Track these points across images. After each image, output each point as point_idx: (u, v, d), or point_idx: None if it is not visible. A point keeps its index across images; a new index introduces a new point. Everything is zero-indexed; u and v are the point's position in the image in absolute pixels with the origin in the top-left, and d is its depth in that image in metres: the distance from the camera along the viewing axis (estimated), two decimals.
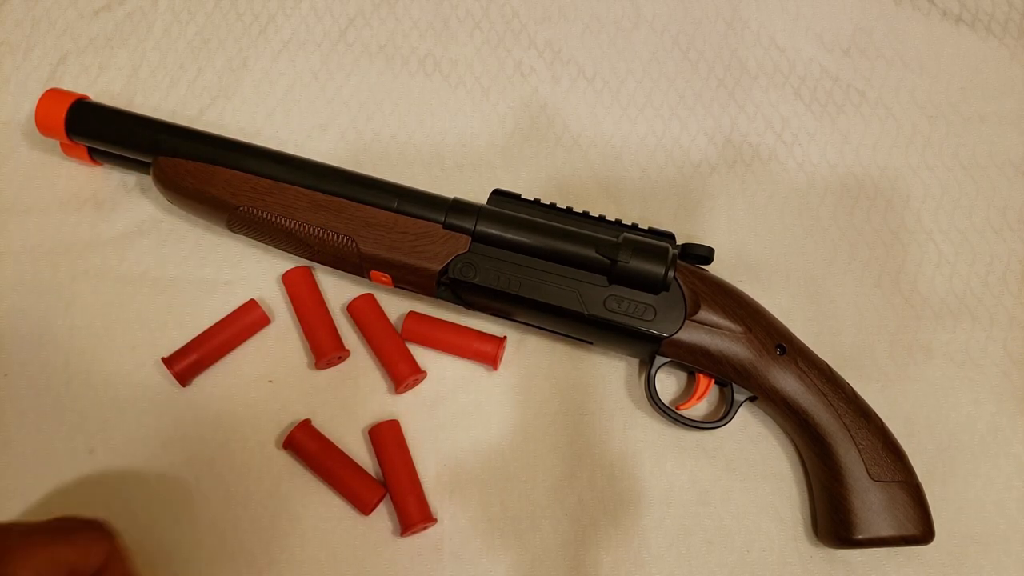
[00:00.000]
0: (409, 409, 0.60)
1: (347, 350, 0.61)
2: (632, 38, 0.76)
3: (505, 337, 0.62)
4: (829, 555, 0.57)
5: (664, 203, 0.69)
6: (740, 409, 0.58)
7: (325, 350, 0.60)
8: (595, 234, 0.56)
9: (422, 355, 0.61)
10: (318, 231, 0.57)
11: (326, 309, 0.62)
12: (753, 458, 0.60)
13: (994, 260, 0.67)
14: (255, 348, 0.62)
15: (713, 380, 0.58)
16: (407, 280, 0.58)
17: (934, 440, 0.61)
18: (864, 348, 0.63)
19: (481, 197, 0.59)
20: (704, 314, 0.56)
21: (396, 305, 0.63)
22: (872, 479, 0.53)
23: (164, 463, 0.58)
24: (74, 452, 0.58)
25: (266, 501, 0.57)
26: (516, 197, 0.59)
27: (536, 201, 0.59)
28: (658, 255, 0.55)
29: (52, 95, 0.62)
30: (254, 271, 0.64)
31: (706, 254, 0.57)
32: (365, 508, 0.56)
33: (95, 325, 0.62)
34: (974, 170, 0.70)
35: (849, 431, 0.54)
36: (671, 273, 0.55)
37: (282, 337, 0.62)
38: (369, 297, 0.62)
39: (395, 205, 0.57)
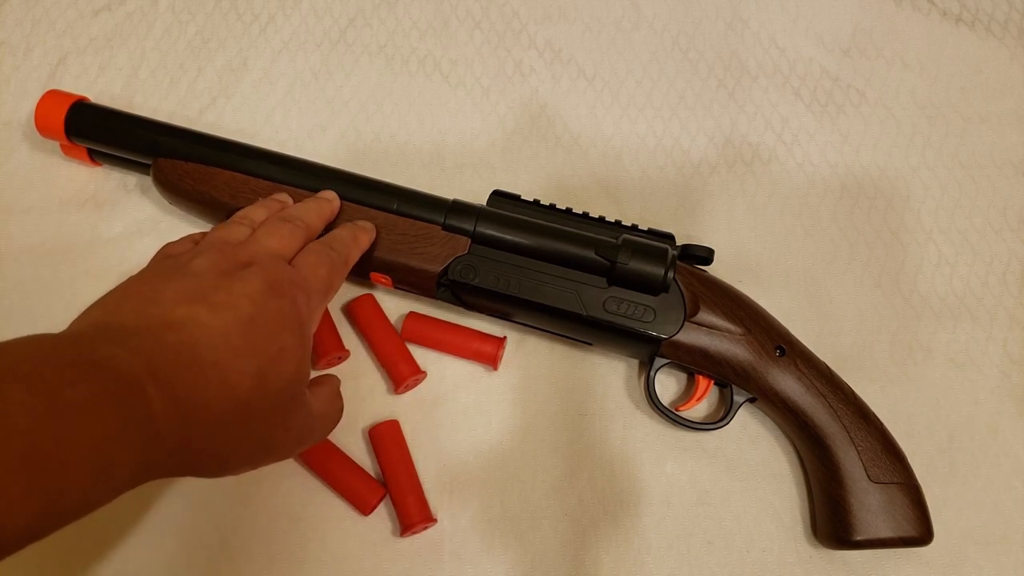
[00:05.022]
0: (409, 409, 0.60)
1: (347, 350, 0.61)
2: (632, 38, 0.75)
3: (505, 337, 0.62)
4: (828, 556, 0.57)
5: (664, 203, 0.69)
6: (740, 410, 0.58)
7: (325, 350, 0.60)
8: (594, 235, 0.56)
9: (422, 355, 0.61)
10: None
11: (326, 309, 0.62)
12: (753, 459, 0.60)
13: (994, 260, 0.67)
14: None
15: (713, 381, 0.58)
16: (407, 281, 0.58)
17: (934, 440, 0.61)
18: (864, 348, 0.63)
19: (481, 198, 0.59)
20: (704, 315, 0.56)
21: (396, 305, 0.63)
22: (871, 480, 0.53)
23: None
24: None
25: (266, 501, 0.57)
26: (516, 198, 0.59)
27: (536, 202, 0.59)
28: (657, 256, 0.55)
29: (52, 96, 0.62)
30: None
31: (706, 255, 0.57)
32: (365, 508, 0.56)
33: None
34: (974, 170, 0.70)
35: (848, 432, 0.54)
36: (670, 274, 0.55)
37: None
38: (369, 297, 0.62)
39: (394, 206, 0.57)
